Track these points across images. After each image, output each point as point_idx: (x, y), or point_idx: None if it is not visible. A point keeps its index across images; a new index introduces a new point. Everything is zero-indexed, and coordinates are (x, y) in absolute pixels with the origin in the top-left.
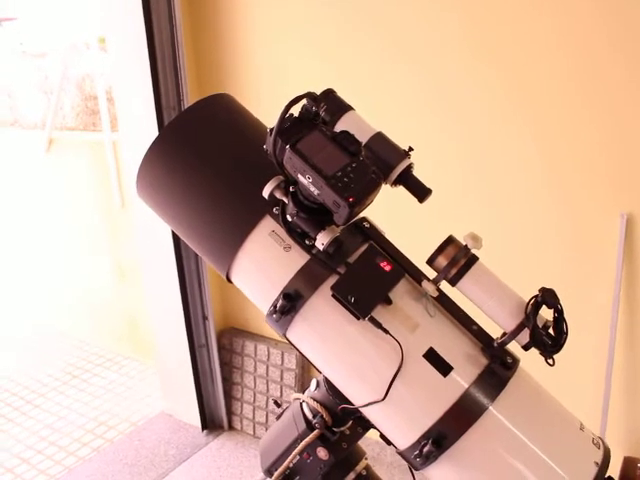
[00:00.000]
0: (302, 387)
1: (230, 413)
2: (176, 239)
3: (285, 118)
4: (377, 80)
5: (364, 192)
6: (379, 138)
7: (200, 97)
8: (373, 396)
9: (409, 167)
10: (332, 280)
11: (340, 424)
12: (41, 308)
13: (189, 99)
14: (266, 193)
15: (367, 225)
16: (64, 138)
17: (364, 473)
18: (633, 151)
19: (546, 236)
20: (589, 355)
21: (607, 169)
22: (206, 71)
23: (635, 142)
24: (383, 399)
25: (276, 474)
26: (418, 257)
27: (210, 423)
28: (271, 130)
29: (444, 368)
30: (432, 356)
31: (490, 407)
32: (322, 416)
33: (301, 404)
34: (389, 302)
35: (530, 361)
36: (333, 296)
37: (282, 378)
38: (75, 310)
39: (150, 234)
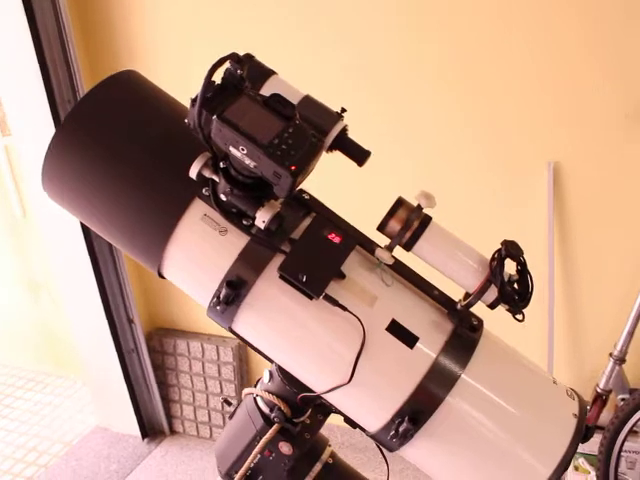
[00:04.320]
0: (242, 380)
1: (170, 417)
2: (89, 243)
3: (208, 86)
4: (287, 45)
5: (306, 158)
6: (308, 102)
7: None
8: (337, 380)
9: (344, 130)
10: (277, 260)
11: (300, 414)
12: None
13: (84, 90)
14: (193, 173)
15: (307, 197)
16: None
17: (330, 461)
18: (557, 100)
19: (478, 190)
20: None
21: (533, 119)
22: (100, 58)
23: (559, 92)
24: (349, 381)
25: (237, 477)
26: (363, 226)
27: (150, 430)
28: (193, 101)
29: (410, 339)
30: (396, 328)
31: (462, 374)
32: (280, 408)
33: (255, 398)
34: (342, 276)
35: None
36: (281, 277)
37: (220, 373)
38: None
39: (59, 241)
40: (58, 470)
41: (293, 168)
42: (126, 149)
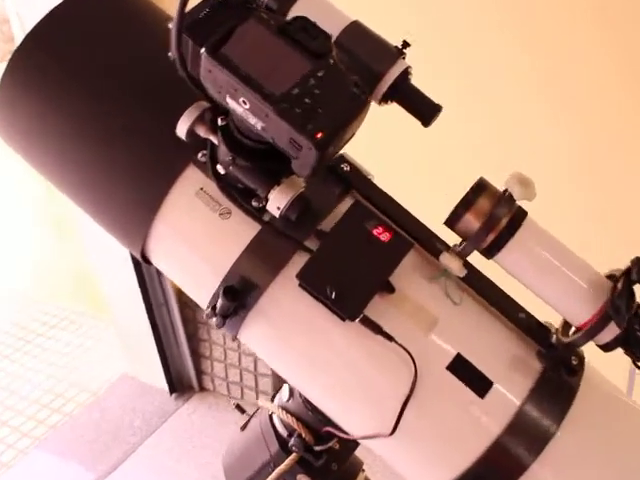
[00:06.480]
0: None
1: (200, 373)
2: None
3: (199, 4)
4: None
5: (342, 120)
6: (356, 31)
7: None
8: (375, 425)
9: (406, 73)
10: (300, 260)
11: (325, 441)
12: None
13: None
14: (181, 130)
15: (347, 168)
16: None
17: None
18: None
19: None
20: None
21: None
22: None
23: None
24: (391, 434)
25: None
26: (430, 215)
27: (178, 385)
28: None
29: (480, 384)
30: (461, 367)
31: (557, 433)
32: (300, 435)
33: (270, 416)
34: (391, 290)
35: None
36: (301, 286)
37: None
38: (20, 267)
39: None
40: (82, 420)
41: (319, 135)
42: (100, 90)
